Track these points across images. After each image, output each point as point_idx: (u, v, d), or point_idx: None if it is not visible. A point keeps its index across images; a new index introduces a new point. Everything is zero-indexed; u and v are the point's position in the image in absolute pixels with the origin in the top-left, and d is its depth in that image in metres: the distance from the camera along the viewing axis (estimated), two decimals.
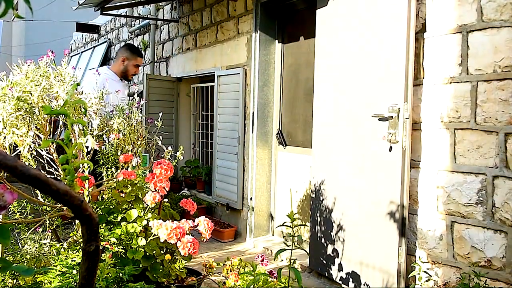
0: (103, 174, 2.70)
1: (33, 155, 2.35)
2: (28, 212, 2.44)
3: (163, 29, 6.15)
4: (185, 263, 2.33)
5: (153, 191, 2.26)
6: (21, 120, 2.32)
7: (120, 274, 1.90)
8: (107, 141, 2.66)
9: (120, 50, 3.76)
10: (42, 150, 2.45)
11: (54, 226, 2.50)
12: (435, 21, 2.50)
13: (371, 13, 2.75)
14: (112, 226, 2.28)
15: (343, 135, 2.93)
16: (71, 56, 10.33)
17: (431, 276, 2.49)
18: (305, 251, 2.34)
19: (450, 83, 2.42)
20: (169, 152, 2.70)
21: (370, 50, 2.75)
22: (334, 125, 3.01)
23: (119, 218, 2.30)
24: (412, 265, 2.55)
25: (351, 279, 2.84)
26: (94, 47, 9.08)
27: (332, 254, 2.98)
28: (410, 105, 2.55)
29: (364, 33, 2.80)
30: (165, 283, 2.25)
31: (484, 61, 2.26)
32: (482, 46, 2.27)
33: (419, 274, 2.46)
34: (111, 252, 2.04)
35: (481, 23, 2.28)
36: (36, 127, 2.41)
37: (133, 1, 5.68)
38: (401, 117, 2.55)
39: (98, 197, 2.59)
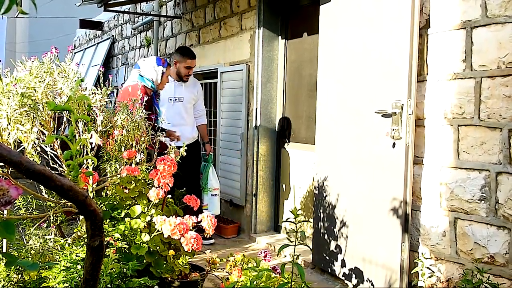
0: (107, 170, 2.71)
1: (37, 151, 2.36)
2: (33, 207, 2.45)
3: (166, 25, 6.15)
4: (189, 258, 2.34)
5: (156, 187, 2.27)
6: (25, 116, 2.33)
7: (124, 269, 1.91)
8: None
9: (173, 53, 3.98)
10: (46, 146, 2.47)
11: (58, 222, 2.52)
12: (439, 17, 2.49)
13: (375, 9, 2.74)
14: (116, 222, 2.29)
15: (347, 131, 2.93)
16: (75, 53, 10.35)
17: (434, 272, 2.49)
18: (308, 247, 2.34)
19: (454, 79, 2.42)
20: (172, 148, 2.70)
21: (374, 46, 2.74)
22: (337, 121, 3.01)
23: (123, 214, 2.31)
24: (415, 261, 2.55)
25: (354, 275, 2.84)
26: (98, 43, 9.10)
27: (335, 250, 2.99)
28: (413, 101, 2.55)
29: (368, 29, 2.79)
30: (169, 278, 2.27)
31: (488, 57, 2.26)
32: (486, 42, 2.26)
33: (422, 270, 2.46)
34: (115, 248, 2.06)
35: (485, 19, 2.27)
36: (40, 123, 2.42)
37: None
38: (405, 113, 2.55)
39: (102, 193, 2.61)
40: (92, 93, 2.63)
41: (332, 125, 3.06)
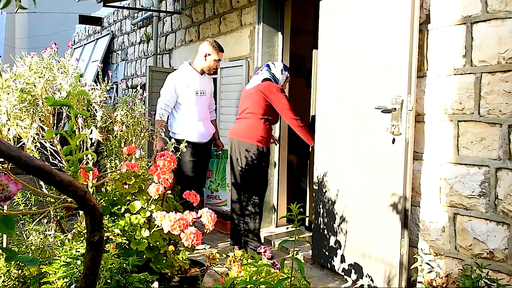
0: (107, 166, 2.72)
1: (37, 147, 2.36)
2: (33, 203, 2.45)
3: (166, 21, 6.13)
4: (189, 254, 2.35)
5: (156, 183, 2.27)
6: (24, 112, 2.33)
7: (124, 264, 1.91)
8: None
9: (202, 45, 3.81)
10: (46, 142, 2.47)
11: (58, 218, 2.52)
12: (440, 12, 2.49)
13: (375, 4, 2.74)
14: (116, 217, 2.29)
15: (346, 126, 2.92)
16: (74, 49, 10.32)
17: (433, 267, 2.50)
18: (308, 242, 2.35)
19: (454, 74, 2.41)
20: (172, 144, 2.70)
21: (374, 41, 2.74)
22: (336, 116, 3.01)
23: (122, 210, 2.32)
24: (414, 256, 2.55)
25: (353, 271, 2.85)
26: (97, 39, 9.07)
27: (334, 246, 2.99)
28: (413, 97, 2.55)
29: (368, 24, 2.78)
30: (169, 273, 2.27)
31: (488, 53, 2.25)
32: (486, 38, 2.26)
33: (421, 265, 2.47)
34: (115, 243, 2.06)
35: (485, 14, 2.26)
36: (39, 119, 2.42)
37: None
38: (404, 109, 2.55)
39: (102, 188, 2.61)
40: (92, 89, 2.63)
41: (331, 120, 3.05)
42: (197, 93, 3.76)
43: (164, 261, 2.24)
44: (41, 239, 2.37)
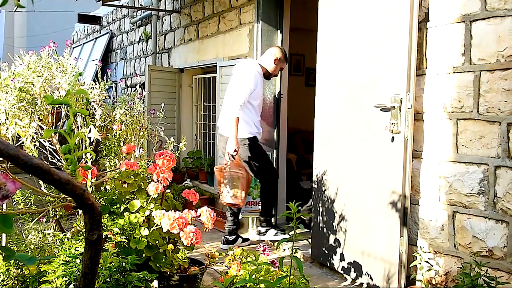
0: (106, 165, 2.72)
1: (36, 146, 2.36)
2: (32, 202, 2.45)
3: (165, 20, 6.12)
4: (188, 253, 2.35)
5: (155, 182, 2.27)
6: (23, 111, 2.33)
7: (123, 263, 1.91)
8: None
9: (274, 49, 3.72)
10: (45, 141, 2.47)
11: (57, 216, 2.52)
12: (438, 10, 2.48)
13: (374, 3, 2.73)
14: (115, 216, 2.29)
15: (345, 125, 2.92)
16: (73, 48, 10.31)
17: (432, 265, 2.50)
18: (308, 241, 2.36)
19: (453, 73, 2.41)
20: (171, 143, 2.70)
21: (373, 39, 2.73)
22: (335, 115, 3.01)
23: (122, 209, 2.32)
24: (413, 254, 2.56)
25: (352, 269, 2.85)
26: (96, 38, 9.07)
27: (334, 244, 2.99)
28: (412, 95, 2.54)
29: (367, 22, 2.78)
30: (168, 272, 2.27)
31: (487, 51, 2.25)
32: (485, 36, 2.26)
33: (420, 263, 2.47)
34: (114, 242, 2.06)
35: (484, 12, 2.26)
36: (38, 118, 2.42)
37: None
38: (404, 107, 2.55)
39: (101, 187, 2.61)
40: (91, 88, 2.63)
41: (330, 119, 3.05)
42: (261, 95, 3.71)
43: (163, 260, 2.24)
44: (40, 238, 2.37)
